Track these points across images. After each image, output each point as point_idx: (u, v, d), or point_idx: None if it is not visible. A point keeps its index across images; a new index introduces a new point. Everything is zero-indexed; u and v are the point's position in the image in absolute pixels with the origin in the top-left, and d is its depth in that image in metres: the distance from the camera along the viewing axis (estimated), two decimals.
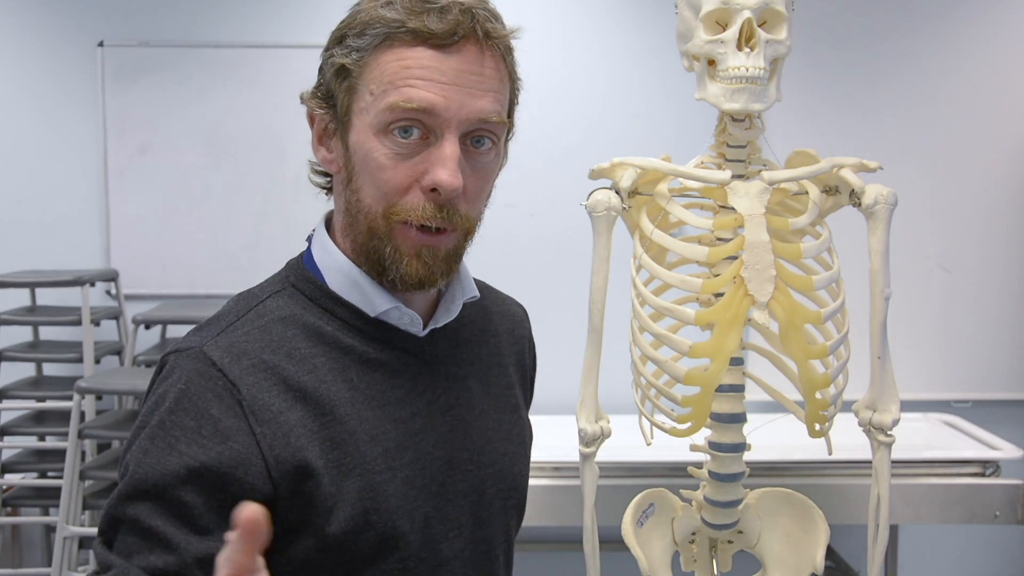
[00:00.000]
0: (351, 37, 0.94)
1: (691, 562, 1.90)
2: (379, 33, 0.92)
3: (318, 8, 3.55)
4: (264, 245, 3.54)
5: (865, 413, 1.75)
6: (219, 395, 0.90)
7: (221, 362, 0.92)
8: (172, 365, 0.94)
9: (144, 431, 0.91)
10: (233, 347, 0.94)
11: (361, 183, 0.95)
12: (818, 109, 3.41)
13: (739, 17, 1.58)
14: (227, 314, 0.99)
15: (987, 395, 3.52)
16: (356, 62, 0.93)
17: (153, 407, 0.92)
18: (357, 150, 0.95)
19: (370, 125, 0.93)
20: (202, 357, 0.93)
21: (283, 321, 0.97)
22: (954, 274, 3.49)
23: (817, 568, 1.78)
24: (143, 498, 0.87)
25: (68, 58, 3.58)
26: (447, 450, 1.02)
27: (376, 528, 0.94)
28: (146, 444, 0.89)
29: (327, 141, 0.99)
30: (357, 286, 0.99)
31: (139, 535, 0.86)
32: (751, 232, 1.62)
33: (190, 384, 0.91)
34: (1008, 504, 2.59)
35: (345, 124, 0.96)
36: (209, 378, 0.91)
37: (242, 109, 3.57)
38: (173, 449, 0.88)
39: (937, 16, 3.45)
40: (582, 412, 1.72)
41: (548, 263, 3.45)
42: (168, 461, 0.87)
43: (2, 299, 3.41)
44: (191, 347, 0.94)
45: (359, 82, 0.94)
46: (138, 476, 0.88)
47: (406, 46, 0.91)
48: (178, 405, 0.90)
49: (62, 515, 2.82)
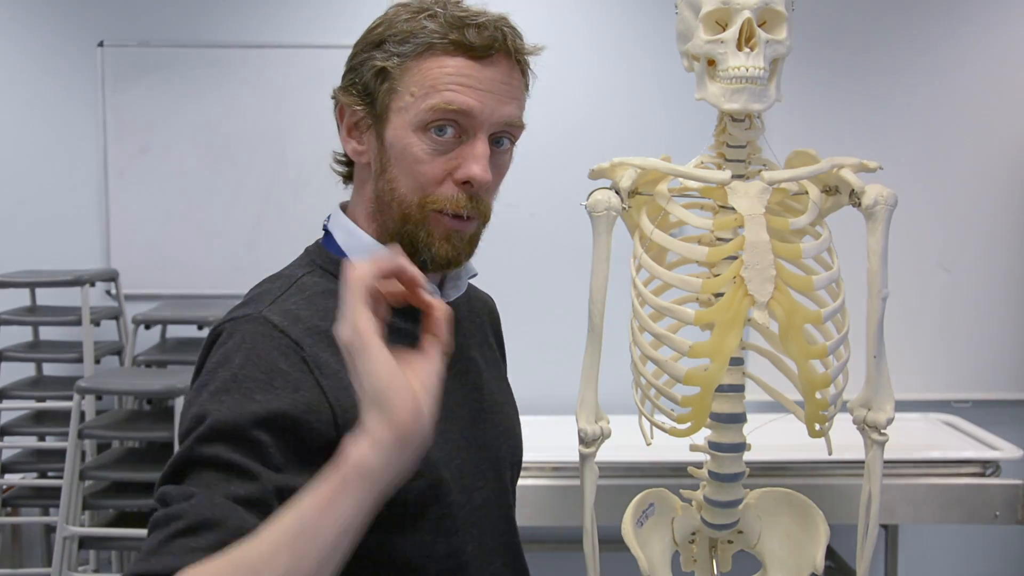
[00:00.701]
0: (391, 43, 1.04)
1: (691, 562, 1.90)
2: (423, 42, 1.03)
3: (318, 8, 3.55)
4: (264, 245, 3.54)
5: (860, 411, 1.75)
6: (284, 352, 0.97)
7: (281, 324, 0.99)
8: (231, 330, 1.00)
9: (210, 387, 0.95)
10: (287, 314, 1.01)
11: (396, 174, 1.05)
12: (818, 109, 3.41)
13: (739, 17, 1.58)
14: (268, 292, 1.06)
15: (987, 395, 3.52)
16: (397, 65, 1.04)
17: (217, 366, 0.97)
18: (395, 144, 1.05)
19: (409, 123, 1.03)
20: (263, 320, 1.00)
21: (323, 294, 1.05)
22: (954, 274, 3.49)
23: (817, 568, 1.78)
24: (220, 439, 0.90)
25: (68, 58, 3.58)
26: (468, 408, 1.14)
27: (425, 477, 1.02)
28: (221, 395, 0.94)
29: (358, 134, 1.09)
30: None
31: (217, 469, 0.89)
32: (751, 232, 1.62)
33: (256, 343, 0.97)
34: (1008, 504, 2.59)
35: (382, 120, 1.06)
36: (272, 338, 0.98)
37: (242, 109, 3.58)
38: (248, 398, 0.93)
39: (937, 16, 3.45)
40: (582, 412, 1.72)
41: (548, 263, 3.45)
42: (245, 406, 0.92)
43: (2, 299, 3.41)
44: (248, 315, 1.01)
45: (399, 84, 1.04)
46: (214, 420, 0.91)
47: (447, 55, 1.03)
48: (248, 361, 0.96)
49: (62, 515, 2.82)
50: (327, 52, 3.50)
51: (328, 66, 3.80)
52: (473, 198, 1.06)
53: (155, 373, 3.19)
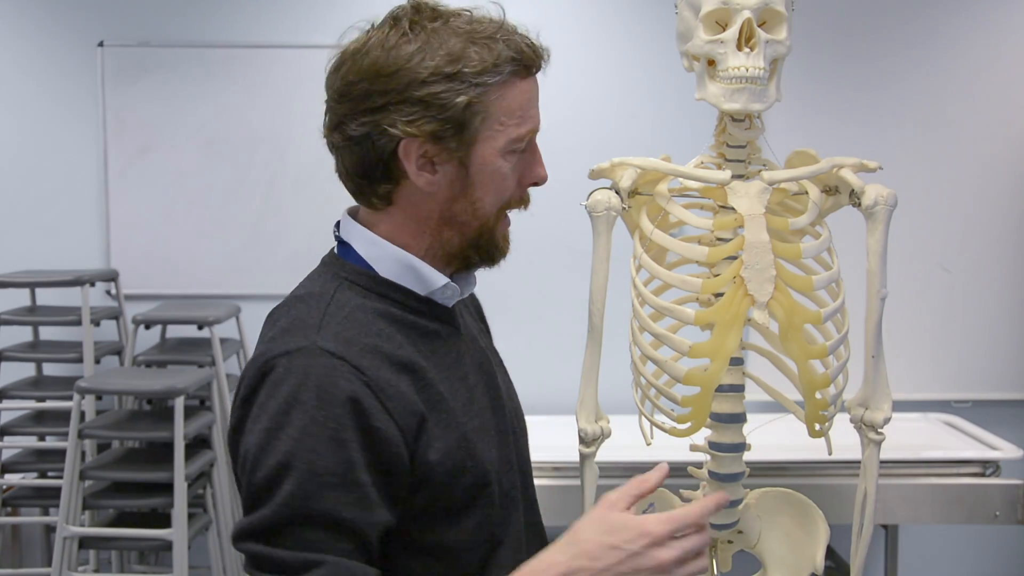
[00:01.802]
0: (468, 75, 1.04)
1: None
2: (505, 71, 1.06)
3: (318, 9, 3.55)
4: (264, 245, 3.54)
5: (857, 410, 1.75)
6: (350, 380, 0.98)
7: (339, 351, 1.00)
8: (287, 366, 1.00)
9: (287, 430, 0.96)
10: (338, 337, 1.02)
11: (482, 194, 1.11)
12: (818, 109, 3.41)
13: (739, 17, 1.58)
14: (308, 315, 1.06)
15: (987, 395, 3.52)
16: (481, 95, 1.05)
17: (287, 407, 0.97)
18: (483, 169, 1.10)
19: (499, 149, 1.09)
20: (320, 351, 1.00)
21: (360, 309, 1.07)
22: (954, 274, 3.49)
23: (817, 568, 1.78)
24: (331, 489, 0.94)
25: (68, 58, 3.58)
26: (489, 399, 1.18)
27: (472, 472, 1.08)
28: (306, 440, 0.95)
29: (429, 167, 1.09)
30: (412, 270, 1.12)
31: (326, 528, 0.94)
32: (751, 232, 1.62)
33: (321, 377, 0.98)
34: (1008, 504, 2.59)
35: (468, 149, 1.08)
36: (335, 368, 0.99)
37: (242, 109, 3.57)
38: (337, 440, 0.96)
39: (938, 16, 3.45)
40: (582, 412, 1.72)
41: (548, 263, 3.45)
42: (341, 450, 0.95)
43: (2, 299, 3.41)
44: (301, 346, 1.01)
45: (488, 114, 1.07)
46: (316, 468, 0.94)
47: (521, 78, 1.08)
48: (322, 399, 0.97)
49: (62, 515, 2.82)
50: (327, 52, 3.50)
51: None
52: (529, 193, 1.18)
53: (155, 373, 3.19)
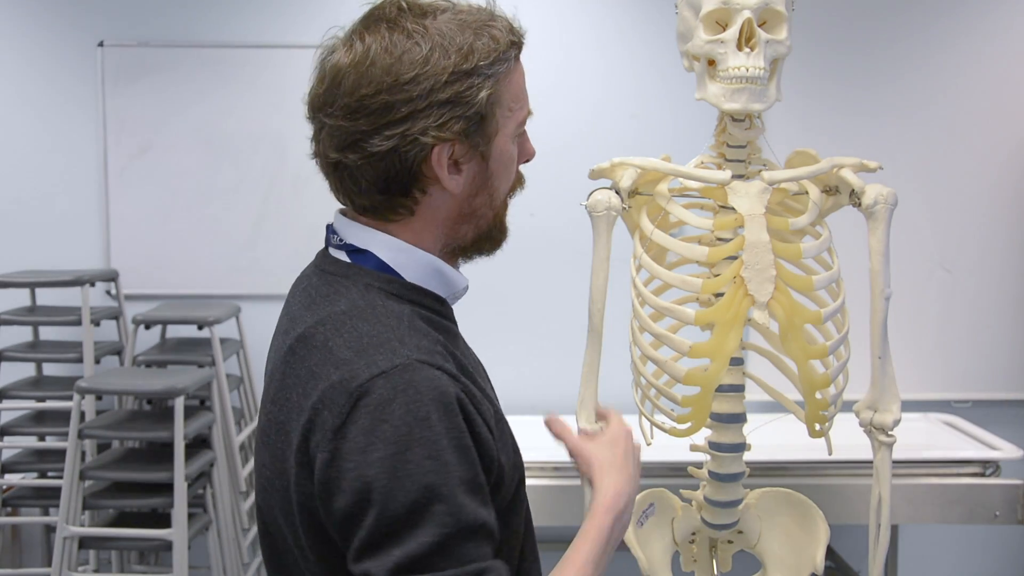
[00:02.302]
0: (483, 67, 1.04)
1: (691, 562, 1.90)
2: (512, 56, 1.07)
3: (318, 8, 3.55)
4: (264, 245, 3.53)
5: (866, 413, 1.74)
6: (455, 388, 0.99)
7: (433, 361, 0.99)
8: (389, 386, 0.96)
9: (416, 450, 0.94)
10: (420, 348, 1.01)
11: (498, 183, 1.12)
12: (818, 109, 3.41)
13: (739, 17, 1.58)
14: (376, 330, 1.02)
15: (987, 395, 3.51)
16: (494, 86, 1.05)
17: (408, 428, 0.94)
18: (500, 157, 1.10)
19: (509, 135, 1.10)
20: (419, 364, 0.98)
21: (413, 316, 1.06)
22: (954, 274, 3.49)
23: (817, 568, 1.78)
24: (469, 496, 0.95)
25: (68, 58, 3.58)
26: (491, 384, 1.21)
27: (519, 468, 1.12)
28: (444, 456, 0.94)
29: (456, 167, 1.07)
30: (438, 273, 1.12)
31: (478, 536, 0.95)
32: (751, 232, 1.62)
33: (433, 389, 0.97)
34: (1008, 504, 2.59)
35: (489, 142, 1.08)
36: (439, 378, 0.98)
37: (242, 109, 3.57)
38: (463, 446, 0.97)
39: (937, 16, 3.45)
40: (582, 412, 1.72)
41: (548, 263, 3.45)
42: (468, 456, 0.97)
43: (2, 299, 3.41)
44: (396, 363, 0.97)
45: (499, 102, 1.07)
46: (460, 478, 0.95)
47: (516, 61, 1.09)
48: (444, 411, 0.96)
49: (62, 515, 2.82)
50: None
51: None
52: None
53: (155, 373, 3.19)
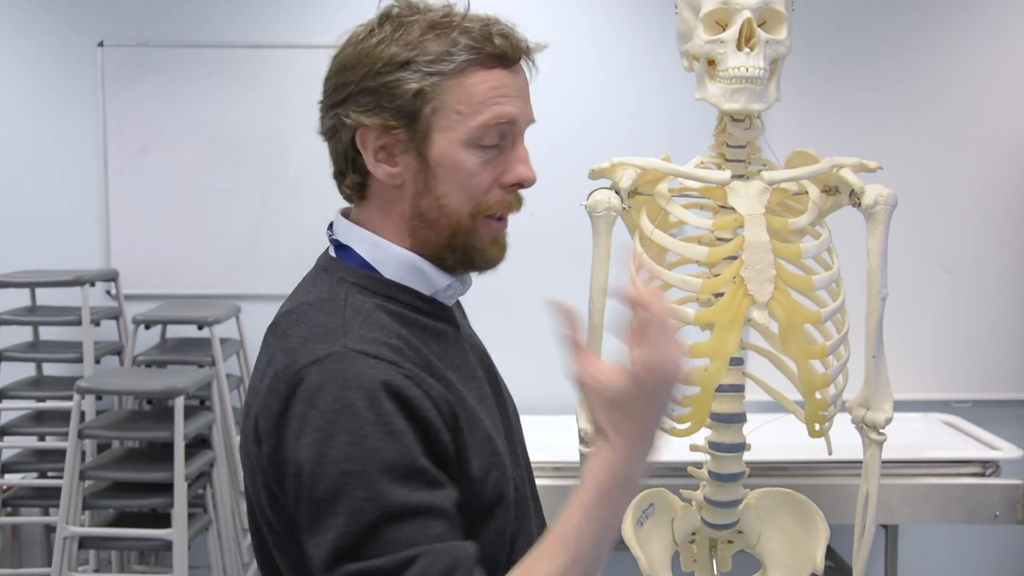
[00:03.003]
0: (422, 63, 1.04)
1: (691, 562, 1.90)
2: (462, 60, 1.04)
3: (318, 8, 3.55)
4: (264, 245, 3.53)
5: (858, 411, 1.75)
6: (391, 375, 0.98)
7: (371, 351, 0.99)
8: (321, 372, 0.97)
9: (340, 436, 0.94)
10: (364, 338, 1.01)
11: (446, 190, 1.08)
12: (818, 109, 3.41)
13: (739, 17, 1.58)
14: (327, 320, 1.03)
15: (987, 395, 3.51)
16: (437, 84, 1.04)
17: (334, 413, 0.95)
18: (443, 162, 1.07)
19: (459, 140, 1.06)
20: (353, 353, 0.98)
21: (376, 310, 1.06)
22: (954, 274, 3.49)
23: (817, 568, 1.78)
24: (397, 481, 0.93)
25: (68, 58, 3.58)
26: (494, 392, 1.19)
27: (498, 469, 1.08)
28: (366, 442, 0.94)
29: (388, 157, 1.08)
30: (417, 271, 1.11)
31: (409, 518, 0.92)
32: (751, 232, 1.62)
33: (362, 377, 0.96)
34: (1008, 504, 2.59)
35: (424, 140, 1.06)
36: (372, 365, 0.98)
37: (242, 109, 3.57)
38: (394, 431, 0.95)
39: (938, 16, 3.45)
40: (582, 412, 1.72)
41: (548, 263, 3.45)
42: (400, 442, 0.94)
43: (2, 299, 3.41)
44: (331, 352, 0.98)
45: (442, 103, 1.05)
46: (385, 463, 0.93)
47: (486, 68, 1.05)
48: (370, 397, 0.95)
49: (62, 515, 2.82)
50: (328, 52, 3.50)
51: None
52: (519, 197, 1.13)
53: (155, 373, 3.19)
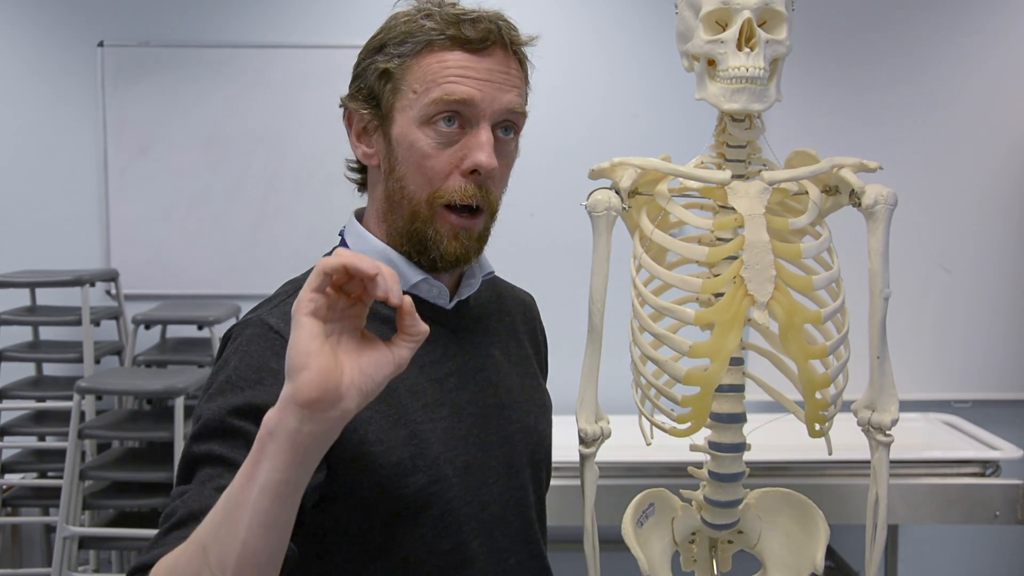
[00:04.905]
0: (392, 45, 1.08)
1: (691, 562, 1.90)
2: (421, 40, 1.06)
3: (318, 9, 3.55)
4: (264, 245, 3.54)
5: (864, 413, 1.74)
6: (277, 352, 1.01)
7: (277, 326, 1.04)
8: (236, 335, 1.07)
9: (210, 390, 1.02)
10: (286, 315, 1.01)
11: (405, 171, 1.08)
12: (818, 109, 3.41)
13: (739, 17, 1.58)
14: (279, 294, 1.12)
15: (987, 395, 3.52)
16: (399, 66, 1.07)
17: (217, 370, 1.04)
18: (401, 142, 1.08)
19: (414, 119, 1.07)
20: (260, 323, 1.05)
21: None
22: (954, 274, 3.49)
23: (817, 568, 1.78)
24: (211, 435, 0.96)
25: (68, 58, 3.58)
26: (479, 406, 1.16)
27: (423, 471, 1.06)
28: (216, 397, 0.99)
29: (366, 138, 1.12)
30: (391, 263, 1.10)
31: (212, 464, 0.94)
32: (751, 232, 1.62)
33: (251, 345, 1.03)
34: (1008, 504, 2.59)
35: (388, 120, 1.09)
36: (267, 339, 1.03)
37: (242, 109, 3.58)
38: (236, 395, 0.98)
39: (938, 16, 3.45)
40: (582, 412, 1.72)
41: (548, 263, 3.45)
42: (230, 402, 0.98)
43: (2, 299, 3.41)
44: (249, 319, 1.08)
45: (402, 83, 1.07)
46: (206, 418, 0.98)
47: (445, 50, 1.06)
48: (242, 363, 1.01)
49: (62, 515, 2.82)
50: (328, 52, 3.51)
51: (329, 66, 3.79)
52: (482, 188, 1.08)
53: (155, 373, 3.19)
